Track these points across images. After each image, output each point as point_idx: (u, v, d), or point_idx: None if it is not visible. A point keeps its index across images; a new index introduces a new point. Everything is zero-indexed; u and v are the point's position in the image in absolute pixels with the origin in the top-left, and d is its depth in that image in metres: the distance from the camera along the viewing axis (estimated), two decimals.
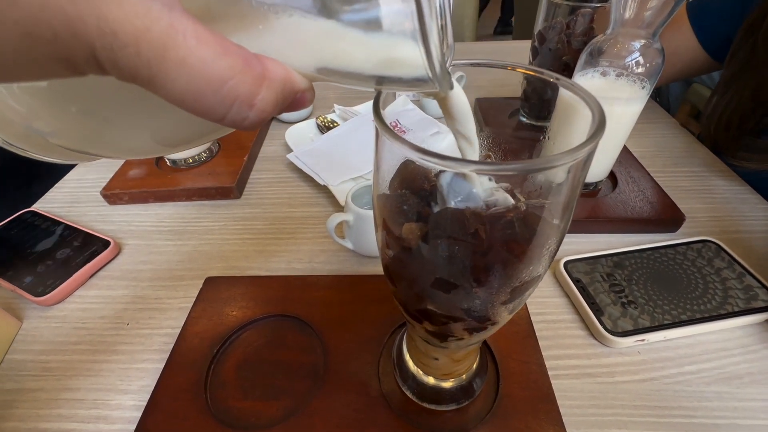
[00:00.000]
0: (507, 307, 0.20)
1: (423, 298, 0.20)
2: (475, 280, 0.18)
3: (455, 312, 0.20)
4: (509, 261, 0.18)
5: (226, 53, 0.12)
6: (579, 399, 0.34)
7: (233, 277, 0.44)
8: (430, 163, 0.15)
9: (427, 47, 0.12)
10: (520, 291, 0.19)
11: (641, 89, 0.42)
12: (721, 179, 0.56)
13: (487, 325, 0.22)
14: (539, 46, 0.57)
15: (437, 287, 0.19)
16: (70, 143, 0.16)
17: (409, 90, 0.15)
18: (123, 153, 0.18)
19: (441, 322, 0.21)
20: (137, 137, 0.17)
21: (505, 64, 0.20)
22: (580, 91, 0.16)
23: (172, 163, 0.59)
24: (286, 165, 0.62)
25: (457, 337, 0.23)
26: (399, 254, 0.19)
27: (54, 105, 0.14)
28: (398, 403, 0.32)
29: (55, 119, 0.15)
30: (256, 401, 0.33)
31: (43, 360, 0.38)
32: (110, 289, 0.45)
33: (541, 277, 0.20)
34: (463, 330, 0.22)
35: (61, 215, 0.53)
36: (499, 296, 0.19)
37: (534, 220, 0.17)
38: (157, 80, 0.11)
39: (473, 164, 0.14)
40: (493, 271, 0.18)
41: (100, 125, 0.16)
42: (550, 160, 0.14)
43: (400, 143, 0.15)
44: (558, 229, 0.18)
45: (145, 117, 0.16)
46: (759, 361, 0.36)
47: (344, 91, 0.83)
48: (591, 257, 0.43)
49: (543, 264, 0.19)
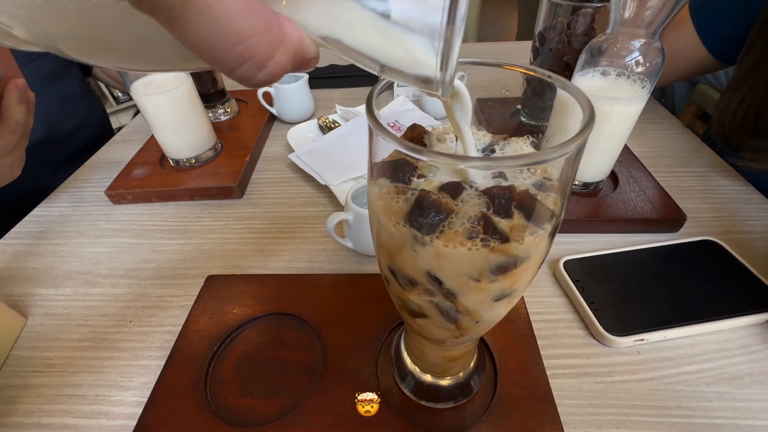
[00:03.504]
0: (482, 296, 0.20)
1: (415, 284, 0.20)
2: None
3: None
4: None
5: (252, 11, 0.11)
6: (577, 398, 0.33)
7: (234, 275, 0.44)
8: (421, 157, 0.15)
9: (446, 59, 0.13)
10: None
11: (641, 89, 0.42)
12: (725, 179, 0.56)
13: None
14: (540, 46, 0.57)
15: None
16: (33, 35, 0.15)
17: (409, 84, 0.15)
18: (88, 58, 0.17)
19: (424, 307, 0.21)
20: (116, 50, 0.16)
21: (498, 62, 0.20)
22: (571, 88, 0.16)
23: (175, 163, 0.60)
24: (288, 165, 0.62)
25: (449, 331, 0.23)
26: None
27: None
28: (396, 401, 0.32)
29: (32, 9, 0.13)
30: (254, 398, 0.34)
31: (46, 356, 0.39)
32: (113, 287, 0.45)
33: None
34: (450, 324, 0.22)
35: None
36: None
37: (529, 201, 0.17)
38: (177, 21, 0.11)
39: (462, 159, 0.14)
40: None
41: (82, 30, 0.14)
42: (539, 155, 0.14)
43: (391, 139, 0.15)
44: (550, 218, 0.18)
45: (135, 38, 0.15)
46: (760, 362, 0.35)
47: (346, 92, 0.84)
48: (591, 257, 0.43)
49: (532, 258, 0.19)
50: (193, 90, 0.56)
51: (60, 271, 0.48)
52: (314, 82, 0.81)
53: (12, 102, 0.44)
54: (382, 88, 0.20)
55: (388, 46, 0.14)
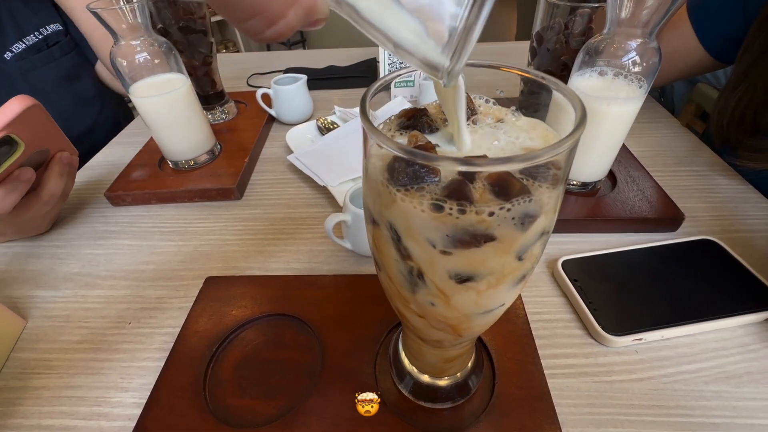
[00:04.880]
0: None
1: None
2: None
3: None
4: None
5: None
6: (575, 398, 0.33)
7: (233, 276, 0.44)
8: (416, 159, 0.15)
9: (460, 53, 0.12)
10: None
11: (638, 88, 0.42)
12: (723, 178, 0.56)
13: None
14: (538, 46, 0.57)
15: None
16: None
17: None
18: None
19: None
20: None
21: (492, 63, 0.20)
22: (563, 89, 0.17)
23: (174, 165, 0.60)
24: (287, 166, 0.62)
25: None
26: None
27: None
28: (394, 401, 0.33)
29: None
30: (253, 399, 0.34)
31: (46, 358, 0.39)
32: (113, 289, 0.45)
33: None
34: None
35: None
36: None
37: (505, 181, 0.16)
38: None
39: (454, 161, 0.14)
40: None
41: None
42: (532, 156, 0.14)
43: (383, 140, 0.15)
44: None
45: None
46: (758, 361, 0.35)
47: (345, 93, 0.84)
48: (589, 256, 0.43)
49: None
50: (192, 92, 0.56)
51: (59, 273, 0.48)
52: (313, 83, 0.82)
53: (52, 175, 0.47)
54: (376, 90, 0.20)
55: (403, 24, 0.13)
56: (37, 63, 0.71)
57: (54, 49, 0.74)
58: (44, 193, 0.47)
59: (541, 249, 0.20)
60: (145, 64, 0.51)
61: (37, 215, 0.48)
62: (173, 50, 0.53)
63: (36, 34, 0.72)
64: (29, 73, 0.70)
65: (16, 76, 0.69)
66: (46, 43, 0.73)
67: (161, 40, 0.52)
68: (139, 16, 0.48)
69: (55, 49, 0.74)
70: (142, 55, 0.51)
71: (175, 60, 0.54)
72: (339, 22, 0.65)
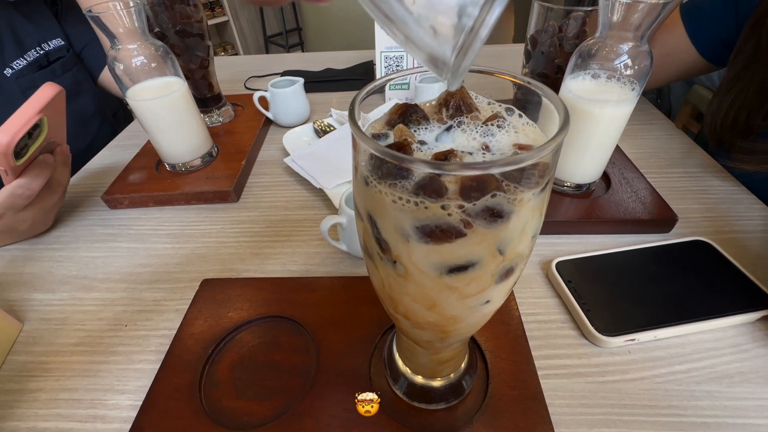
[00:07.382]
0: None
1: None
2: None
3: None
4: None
5: None
6: (568, 398, 0.34)
7: (229, 279, 0.44)
8: (403, 164, 0.15)
9: (466, 52, 0.13)
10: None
11: (631, 91, 0.42)
12: (716, 180, 0.56)
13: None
14: (532, 49, 0.57)
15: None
16: None
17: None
18: None
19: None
20: None
21: (480, 68, 0.20)
22: (548, 93, 0.17)
23: (171, 167, 0.60)
24: (283, 169, 0.63)
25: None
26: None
27: None
28: (389, 402, 0.33)
29: None
30: (248, 401, 0.34)
31: (42, 361, 0.39)
32: (109, 292, 0.45)
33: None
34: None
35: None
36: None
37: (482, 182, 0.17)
38: None
39: (437, 166, 0.15)
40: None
41: None
42: (515, 160, 0.14)
43: (368, 143, 0.15)
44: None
45: None
46: (750, 360, 0.36)
47: (341, 96, 0.84)
48: (583, 258, 0.43)
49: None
50: (189, 95, 0.56)
51: (56, 275, 0.48)
52: (310, 86, 0.82)
53: (58, 165, 0.50)
54: (367, 93, 0.20)
55: (413, 17, 0.14)
56: (38, 81, 0.70)
57: (56, 66, 0.73)
58: (53, 182, 0.49)
59: (526, 247, 0.20)
60: (143, 67, 0.52)
61: (46, 206, 0.50)
62: (170, 54, 0.54)
63: (37, 49, 0.70)
64: (30, 91, 0.70)
65: (16, 93, 0.67)
66: (48, 58, 0.72)
67: (158, 43, 0.53)
68: (136, 20, 0.48)
69: (56, 66, 0.73)
70: (139, 59, 0.51)
71: (172, 63, 0.54)
72: (336, 25, 0.65)
